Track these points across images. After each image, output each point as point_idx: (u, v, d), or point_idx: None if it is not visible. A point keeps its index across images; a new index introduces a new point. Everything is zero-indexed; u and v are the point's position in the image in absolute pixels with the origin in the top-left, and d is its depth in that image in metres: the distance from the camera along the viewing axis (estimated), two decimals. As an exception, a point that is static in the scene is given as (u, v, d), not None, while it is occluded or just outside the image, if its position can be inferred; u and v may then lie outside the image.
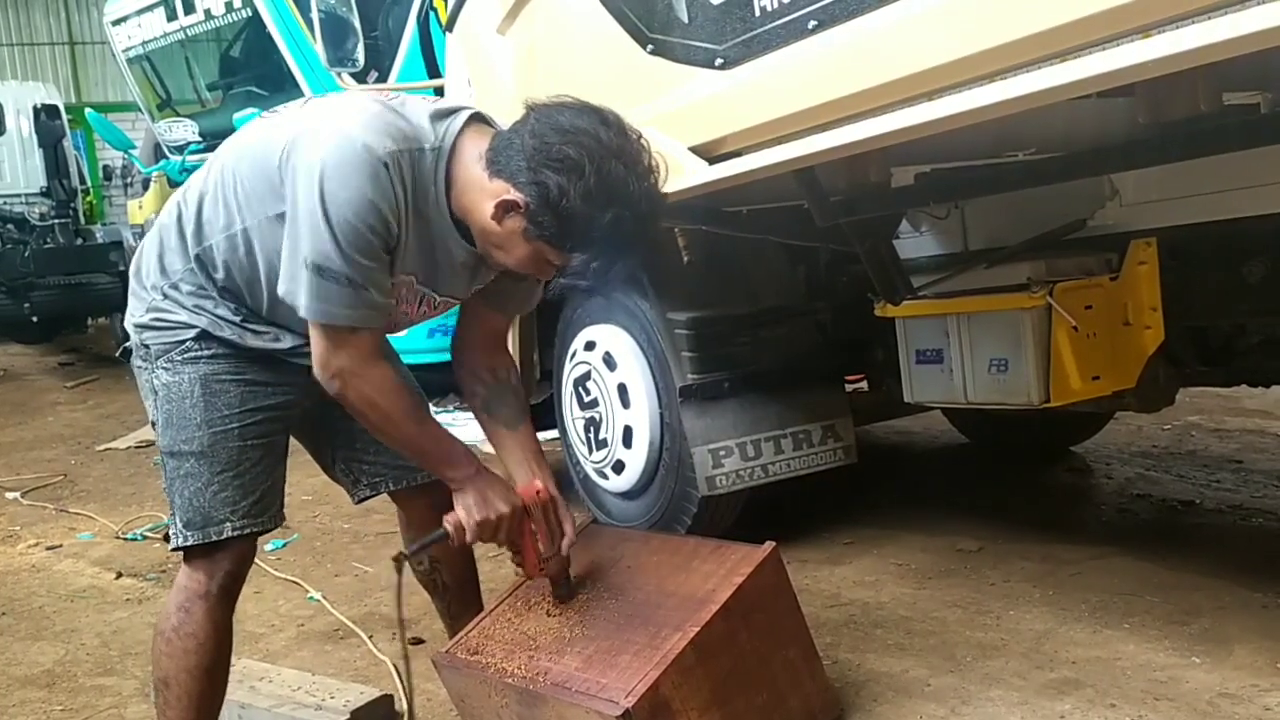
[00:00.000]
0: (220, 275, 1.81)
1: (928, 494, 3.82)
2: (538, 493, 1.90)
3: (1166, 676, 2.22)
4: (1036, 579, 2.82)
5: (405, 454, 1.90)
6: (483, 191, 1.68)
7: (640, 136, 1.68)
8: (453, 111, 1.75)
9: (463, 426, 2.11)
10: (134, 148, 9.01)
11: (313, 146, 1.63)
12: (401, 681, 1.98)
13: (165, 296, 1.84)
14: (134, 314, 1.88)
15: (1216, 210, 2.31)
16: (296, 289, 1.66)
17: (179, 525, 1.84)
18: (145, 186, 10.01)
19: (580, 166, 1.59)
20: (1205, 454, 4.03)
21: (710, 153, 2.25)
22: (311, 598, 3.19)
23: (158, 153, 8.46)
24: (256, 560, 1.99)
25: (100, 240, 10.33)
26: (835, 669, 2.34)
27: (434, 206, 1.72)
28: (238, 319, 1.83)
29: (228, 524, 1.82)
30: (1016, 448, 4.12)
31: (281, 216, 1.68)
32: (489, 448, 2.04)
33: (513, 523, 1.86)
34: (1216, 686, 2.16)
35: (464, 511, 1.83)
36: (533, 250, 1.69)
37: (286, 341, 1.85)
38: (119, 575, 3.59)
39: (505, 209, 1.66)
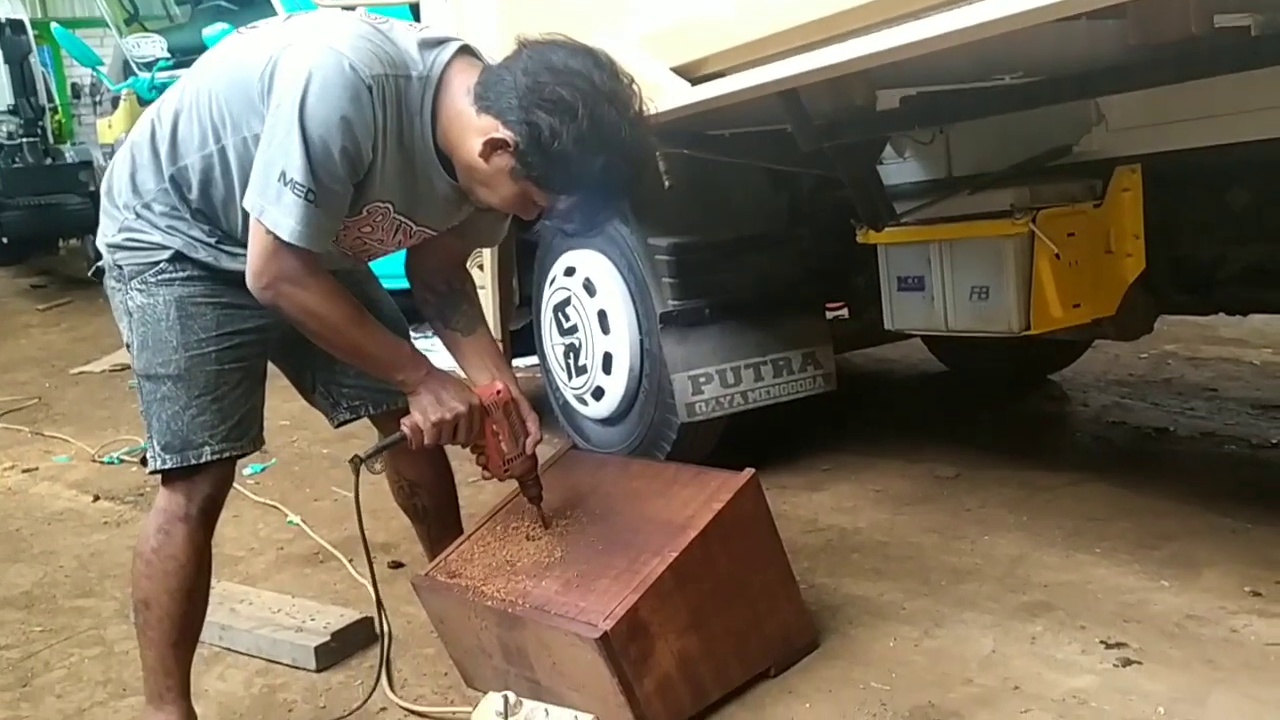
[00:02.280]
0: (195, 196, 1.77)
1: (906, 421, 3.85)
2: (497, 393, 1.88)
3: (1136, 599, 2.26)
4: (1012, 505, 2.86)
5: (352, 361, 1.87)
6: (470, 127, 1.65)
7: (632, 81, 1.64)
8: (441, 41, 1.71)
9: (441, 352, 2.09)
10: (102, 65, 8.80)
11: (299, 60, 1.59)
12: (376, 592, 1.99)
13: (138, 216, 1.80)
14: (106, 233, 1.84)
15: (1203, 136, 2.29)
16: (265, 203, 1.61)
17: (157, 448, 1.82)
18: (114, 105, 9.80)
19: (573, 109, 1.55)
20: (1180, 382, 4.07)
21: (693, 73, 2.21)
22: (291, 521, 3.19)
23: (126, 70, 8.28)
24: (235, 484, 1.99)
25: (70, 160, 10.16)
26: (812, 593, 2.36)
27: (418, 136, 1.69)
28: (213, 240, 1.79)
29: (206, 447, 1.81)
30: (995, 375, 4.15)
31: (260, 138, 1.64)
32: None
33: (471, 422, 1.84)
34: (1185, 609, 2.20)
35: (419, 413, 1.82)
36: (519, 190, 1.66)
37: None
38: (96, 498, 3.58)
39: (493, 147, 1.62)
